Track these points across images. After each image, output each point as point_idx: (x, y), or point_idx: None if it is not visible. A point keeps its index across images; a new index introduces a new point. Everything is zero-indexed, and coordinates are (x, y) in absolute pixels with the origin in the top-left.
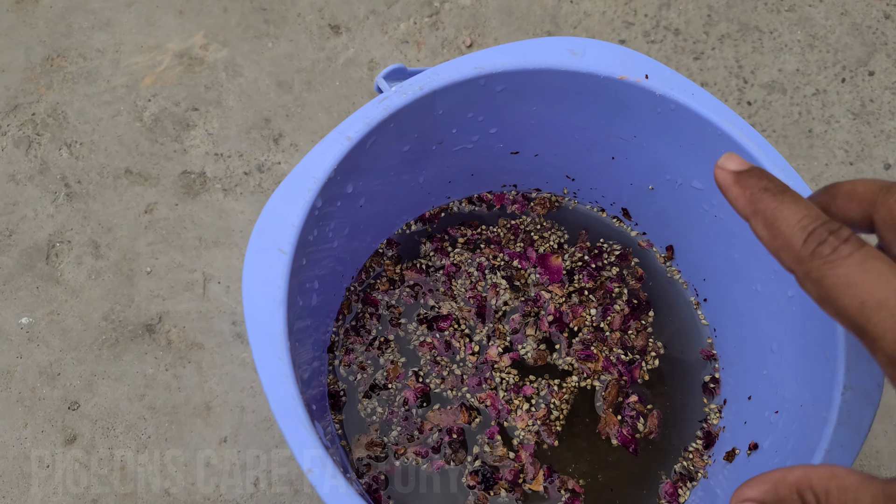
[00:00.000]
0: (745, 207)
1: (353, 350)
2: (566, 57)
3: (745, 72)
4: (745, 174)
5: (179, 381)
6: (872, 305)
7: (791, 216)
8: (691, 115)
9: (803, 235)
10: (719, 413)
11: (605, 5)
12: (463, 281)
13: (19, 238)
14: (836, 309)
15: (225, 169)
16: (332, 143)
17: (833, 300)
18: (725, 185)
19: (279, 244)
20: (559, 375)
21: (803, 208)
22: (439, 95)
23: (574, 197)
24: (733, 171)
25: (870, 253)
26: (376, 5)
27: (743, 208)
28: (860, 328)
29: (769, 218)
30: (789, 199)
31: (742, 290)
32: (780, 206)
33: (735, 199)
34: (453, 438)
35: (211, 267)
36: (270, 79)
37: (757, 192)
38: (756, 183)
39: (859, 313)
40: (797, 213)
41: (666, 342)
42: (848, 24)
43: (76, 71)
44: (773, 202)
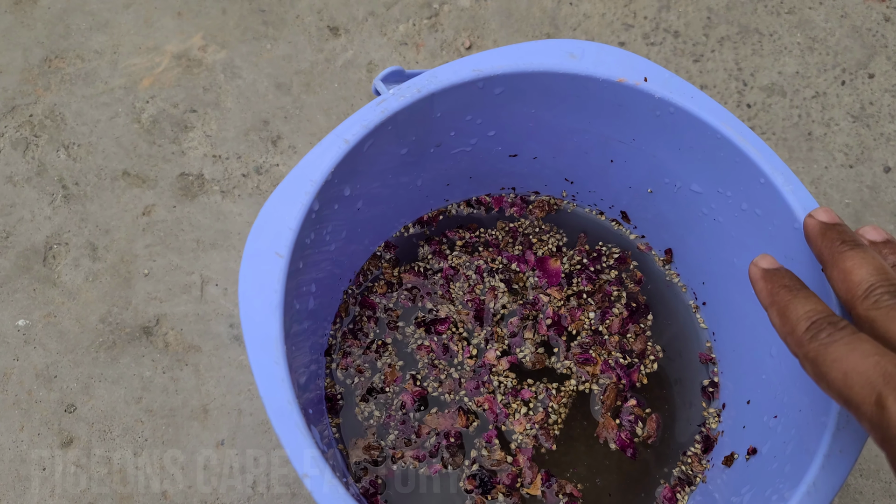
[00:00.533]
0: (766, 299)
1: (350, 353)
2: (565, 60)
3: (744, 74)
4: (771, 272)
5: (177, 384)
6: (853, 376)
7: (800, 308)
8: (690, 119)
9: (807, 324)
10: (718, 417)
11: (605, 7)
12: (461, 284)
13: (16, 240)
14: (826, 383)
15: (223, 171)
16: (329, 145)
17: (823, 374)
18: (754, 278)
19: (276, 248)
20: (557, 379)
21: (813, 303)
22: (437, 98)
23: (573, 200)
24: (763, 269)
25: (859, 337)
26: (375, 7)
27: (764, 299)
28: (845, 398)
29: (782, 308)
30: (801, 296)
31: (741, 293)
32: (792, 300)
33: (759, 291)
34: (451, 442)
35: (209, 269)
36: (269, 80)
37: (777, 287)
38: (779, 280)
39: (843, 384)
40: (806, 305)
41: (665, 346)
42: (848, 27)
43: (74, 72)
44: (788, 296)
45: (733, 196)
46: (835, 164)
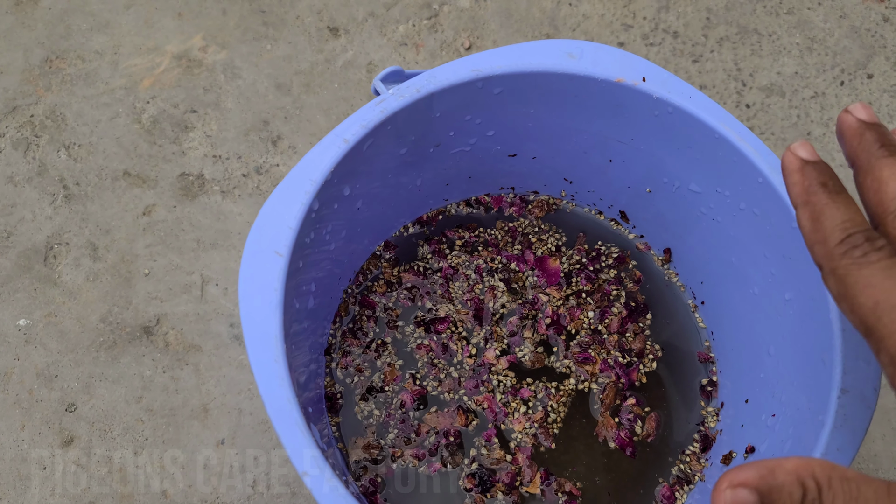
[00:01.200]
0: (799, 195)
1: (350, 352)
2: (564, 60)
3: (743, 74)
4: (810, 164)
5: (177, 384)
6: (885, 307)
7: (837, 215)
8: (689, 118)
9: (842, 235)
10: (716, 416)
11: (604, 8)
12: (460, 283)
13: (17, 240)
14: (851, 306)
15: (223, 171)
16: (329, 145)
17: (851, 297)
18: (789, 168)
19: (276, 247)
20: (557, 378)
21: (851, 212)
22: (437, 98)
23: (572, 199)
24: (801, 158)
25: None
26: (375, 7)
27: (796, 195)
28: (869, 327)
29: (817, 211)
30: (841, 200)
31: (739, 293)
32: (830, 204)
33: (792, 185)
34: (450, 441)
35: (209, 269)
36: (269, 81)
37: (815, 184)
38: (817, 176)
39: (871, 312)
40: (844, 214)
41: (663, 345)
42: (847, 27)
43: (75, 73)
44: (825, 198)
45: (732, 195)
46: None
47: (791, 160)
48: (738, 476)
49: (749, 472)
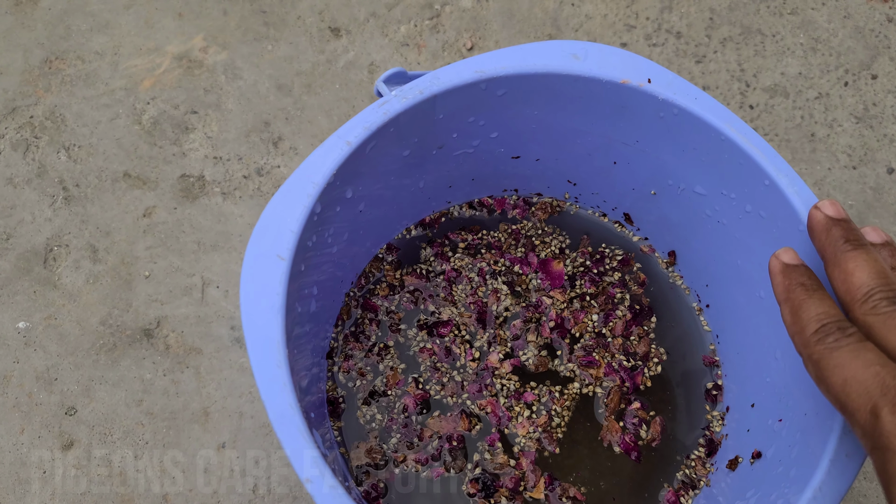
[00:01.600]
0: (781, 294)
1: (352, 356)
2: (568, 61)
3: (747, 75)
4: (790, 267)
5: (177, 387)
6: (852, 383)
7: (812, 309)
8: (694, 120)
9: (816, 326)
10: (722, 420)
11: (607, 8)
12: (463, 286)
13: (17, 242)
14: (826, 387)
15: (224, 172)
16: (331, 147)
17: (825, 378)
18: (773, 271)
19: (278, 250)
20: (561, 382)
21: (826, 306)
22: (440, 99)
23: (575, 202)
24: (784, 263)
25: (864, 345)
26: (377, 8)
27: (779, 294)
28: (842, 404)
29: (795, 307)
30: (817, 297)
31: (745, 296)
32: (807, 300)
33: (776, 285)
34: (453, 446)
35: (210, 271)
36: (270, 82)
37: (794, 283)
38: (797, 277)
39: (841, 390)
40: (819, 308)
41: (668, 348)
42: (851, 28)
43: (75, 73)
44: (803, 294)
45: (737, 198)
46: (838, 166)
47: (775, 265)
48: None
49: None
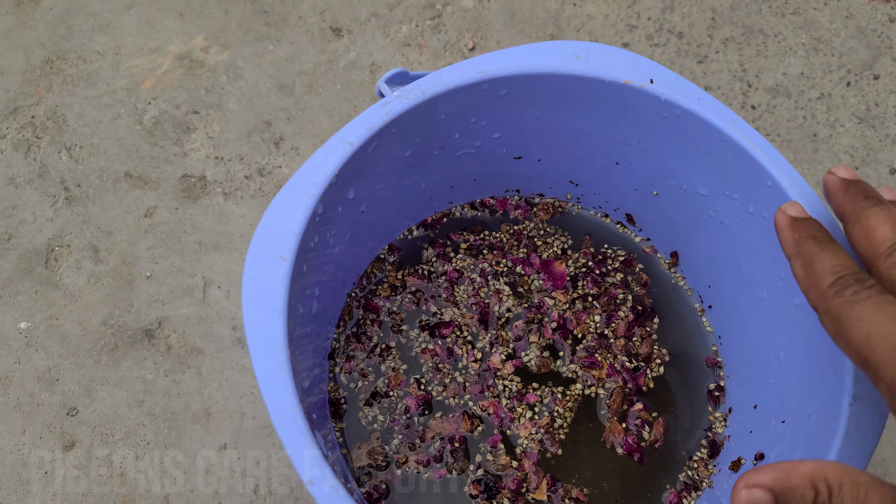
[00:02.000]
0: (791, 248)
1: (354, 357)
2: (570, 61)
3: (749, 75)
4: (799, 220)
5: (179, 387)
6: (877, 338)
7: (827, 261)
8: (697, 121)
9: (833, 278)
10: (724, 422)
11: (609, 8)
12: (465, 287)
13: (18, 242)
14: (846, 342)
15: (225, 172)
16: (333, 148)
17: (845, 333)
18: (780, 225)
19: (279, 251)
20: (563, 383)
21: (840, 258)
22: (442, 100)
23: (577, 202)
24: (790, 216)
25: (886, 298)
26: (378, 8)
27: (789, 248)
28: (864, 359)
29: (808, 260)
30: (830, 249)
31: (748, 297)
32: (819, 252)
33: (784, 239)
34: (455, 447)
35: (211, 271)
36: (271, 82)
37: (805, 237)
38: (806, 230)
39: (865, 344)
40: (833, 260)
41: (671, 349)
42: (853, 28)
43: (76, 73)
44: (815, 247)
45: (740, 199)
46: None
47: (781, 218)
48: (755, 478)
49: (765, 474)
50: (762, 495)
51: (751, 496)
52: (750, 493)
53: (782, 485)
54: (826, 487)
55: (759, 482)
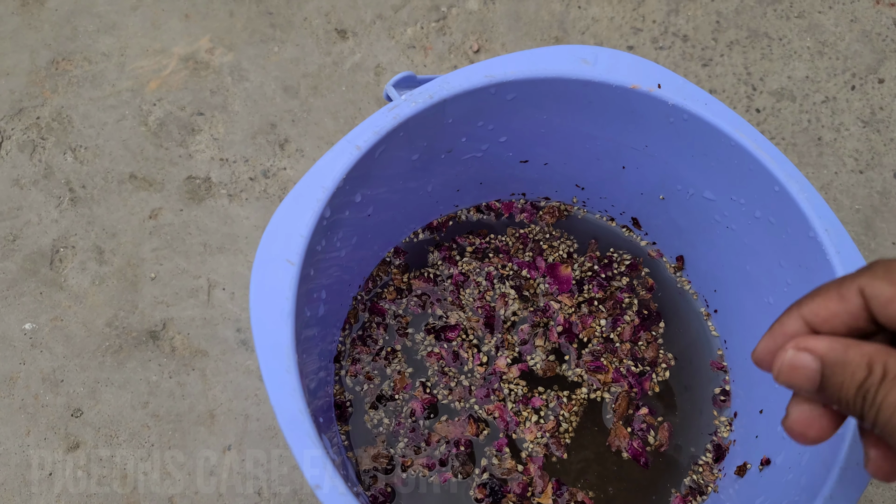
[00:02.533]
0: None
1: (359, 360)
2: (578, 66)
3: (753, 79)
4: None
5: (183, 389)
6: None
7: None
8: (704, 126)
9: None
10: (730, 426)
11: (614, 11)
12: (471, 290)
13: (23, 243)
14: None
15: (230, 174)
16: (340, 152)
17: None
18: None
19: (287, 255)
20: (568, 387)
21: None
22: (449, 104)
23: (583, 206)
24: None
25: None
26: (383, 10)
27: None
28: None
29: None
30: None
31: (753, 301)
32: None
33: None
34: (461, 451)
35: (216, 273)
36: (276, 83)
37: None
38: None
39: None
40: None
41: (676, 354)
42: (858, 31)
43: (81, 74)
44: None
45: (747, 203)
46: (845, 170)
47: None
48: (808, 341)
49: (821, 341)
50: (810, 361)
51: (797, 358)
52: (797, 356)
53: (837, 356)
54: (881, 371)
55: (813, 347)
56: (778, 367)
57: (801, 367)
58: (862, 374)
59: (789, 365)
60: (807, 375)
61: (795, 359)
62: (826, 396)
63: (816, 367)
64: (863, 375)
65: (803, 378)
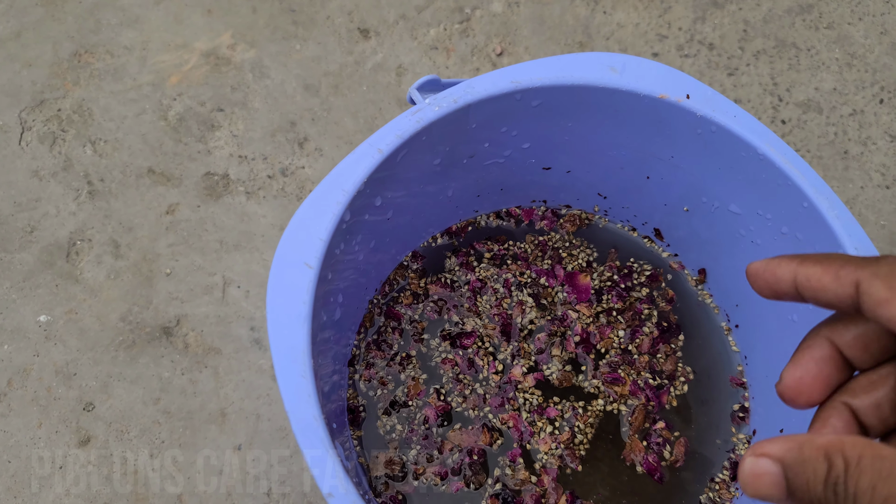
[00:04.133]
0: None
1: (373, 364)
2: (605, 73)
3: (780, 89)
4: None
5: (195, 386)
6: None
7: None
8: (733, 139)
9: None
10: (748, 444)
11: (639, 17)
12: (488, 297)
13: (40, 235)
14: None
15: (248, 171)
16: (362, 155)
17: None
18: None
19: (306, 258)
20: (584, 398)
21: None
22: (474, 109)
23: (605, 215)
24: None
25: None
26: (406, 10)
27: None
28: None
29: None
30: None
31: (777, 318)
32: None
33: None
34: (474, 460)
35: (231, 271)
36: (297, 81)
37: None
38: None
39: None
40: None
41: (695, 368)
42: (888, 44)
43: (103, 67)
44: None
45: (773, 219)
46: (871, 185)
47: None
48: (764, 447)
49: (776, 444)
50: (770, 466)
51: (756, 466)
52: (756, 463)
53: (794, 456)
54: (842, 461)
55: (768, 452)
56: (741, 479)
57: (763, 474)
58: (823, 468)
59: (750, 473)
60: (772, 481)
61: (755, 466)
62: (798, 500)
63: (777, 470)
64: (824, 470)
65: (769, 485)
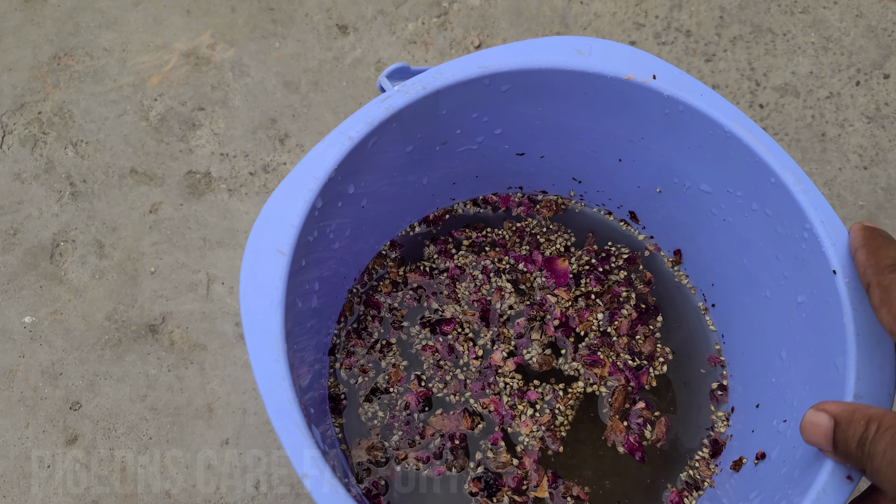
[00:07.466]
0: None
1: (354, 353)
2: (572, 56)
3: (757, 74)
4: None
5: (182, 383)
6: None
7: (892, 251)
8: (700, 117)
9: (891, 262)
10: (727, 421)
11: (616, 6)
12: (467, 284)
13: (24, 237)
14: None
15: (230, 169)
16: (332, 142)
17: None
18: (855, 228)
19: (277, 245)
20: (565, 381)
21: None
22: (443, 95)
23: (580, 199)
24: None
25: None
26: (384, 5)
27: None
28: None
29: (874, 249)
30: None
31: (750, 295)
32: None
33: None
34: (455, 444)
35: (215, 268)
36: (277, 79)
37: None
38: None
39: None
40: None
41: (674, 348)
42: (863, 27)
43: (83, 70)
44: (883, 242)
45: (743, 196)
46: (849, 166)
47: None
48: (825, 405)
49: (835, 404)
50: (825, 419)
51: (815, 417)
52: (815, 415)
53: (845, 417)
54: (876, 428)
55: (827, 408)
56: (802, 426)
57: (819, 425)
58: (861, 429)
59: (809, 422)
60: (823, 433)
61: (814, 417)
62: (839, 453)
63: (830, 424)
64: (861, 431)
65: (821, 434)
